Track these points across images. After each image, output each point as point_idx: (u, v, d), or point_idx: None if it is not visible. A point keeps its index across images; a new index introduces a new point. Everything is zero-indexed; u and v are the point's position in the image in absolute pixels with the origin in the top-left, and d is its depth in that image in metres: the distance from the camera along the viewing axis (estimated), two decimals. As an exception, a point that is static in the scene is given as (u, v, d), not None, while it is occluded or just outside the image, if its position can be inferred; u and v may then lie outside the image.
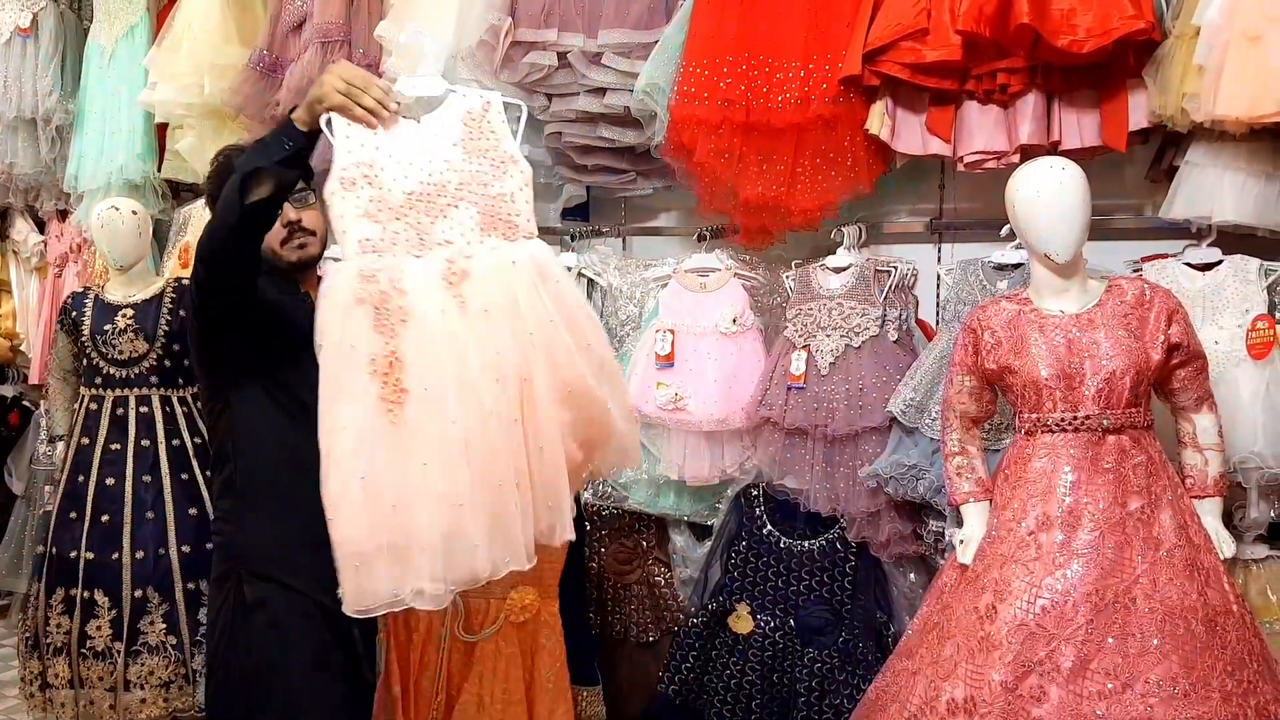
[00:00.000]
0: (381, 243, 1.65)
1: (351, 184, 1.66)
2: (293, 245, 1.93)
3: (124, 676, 2.79)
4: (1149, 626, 1.87)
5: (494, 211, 1.73)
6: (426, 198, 1.69)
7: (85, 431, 2.91)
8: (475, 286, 1.66)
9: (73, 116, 3.71)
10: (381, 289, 1.62)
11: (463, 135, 1.75)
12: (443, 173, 1.71)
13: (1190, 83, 2.18)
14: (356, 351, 1.60)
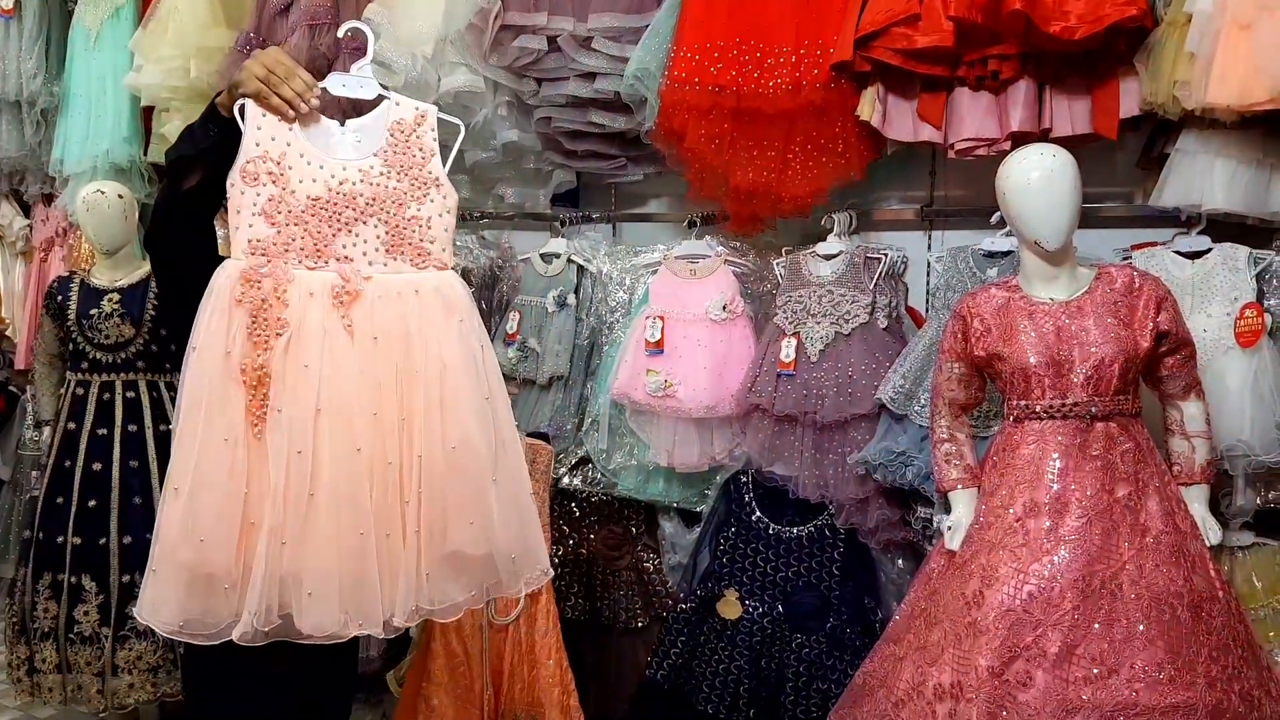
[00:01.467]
0: (273, 246, 1.53)
1: (254, 179, 1.54)
2: None
3: (112, 661, 2.78)
4: (1135, 612, 1.88)
5: (405, 233, 1.59)
6: (331, 206, 1.56)
7: (72, 416, 2.89)
8: (366, 310, 1.54)
9: (58, 99, 3.67)
10: (263, 295, 1.51)
11: (386, 146, 1.61)
12: (355, 183, 1.57)
13: (1181, 70, 2.18)
14: (230, 358, 1.49)
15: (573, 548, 2.90)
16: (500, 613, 2.40)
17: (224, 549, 1.46)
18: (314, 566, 1.47)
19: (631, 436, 2.76)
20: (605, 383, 2.79)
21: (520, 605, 2.43)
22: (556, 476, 2.86)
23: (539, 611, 2.46)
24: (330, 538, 1.47)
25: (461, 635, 2.36)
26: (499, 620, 2.39)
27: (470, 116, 2.92)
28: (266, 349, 1.49)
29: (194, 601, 1.47)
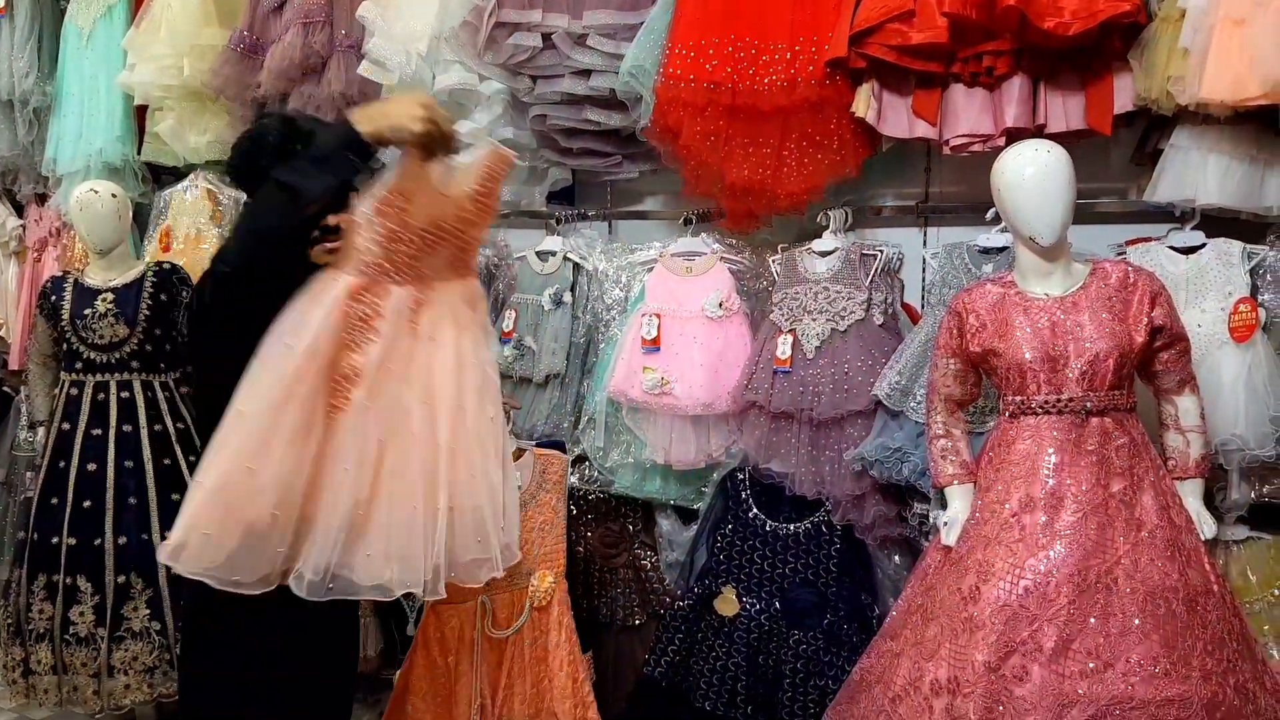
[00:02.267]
0: (382, 267, 1.66)
1: (384, 213, 1.64)
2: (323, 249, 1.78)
3: (108, 662, 2.78)
4: (1130, 607, 1.89)
5: (467, 252, 1.78)
6: (433, 236, 1.70)
7: (66, 417, 2.89)
8: (428, 315, 1.69)
9: (50, 99, 3.66)
10: (365, 310, 1.64)
11: (476, 185, 1.76)
12: (450, 216, 1.71)
13: (1175, 66, 2.19)
14: (318, 356, 1.60)
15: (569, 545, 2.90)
16: (497, 626, 2.37)
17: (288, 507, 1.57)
18: (374, 532, 1.60)
19: (628, 434, 2.76)
20: (602, 380, 2.79)
21: (523, 618, 2.40)
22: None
23: (550, 624, 2.44)
24: (386, 508, 1.61)
25: (445, 648, 2.33)
26: (495, 634, 2.36)
27: (465, 114, 2.91)
28: (361, 353, 1.63)
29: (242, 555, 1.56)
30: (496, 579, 2.14)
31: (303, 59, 2.97)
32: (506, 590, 2.36)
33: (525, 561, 2.34)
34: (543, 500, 2.41)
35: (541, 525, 2.39)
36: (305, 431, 1.59)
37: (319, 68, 3.00)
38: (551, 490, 2.44)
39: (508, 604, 2.39)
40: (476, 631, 2.36)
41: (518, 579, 2.35)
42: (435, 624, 2.34)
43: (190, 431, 2.92)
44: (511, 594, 2.38)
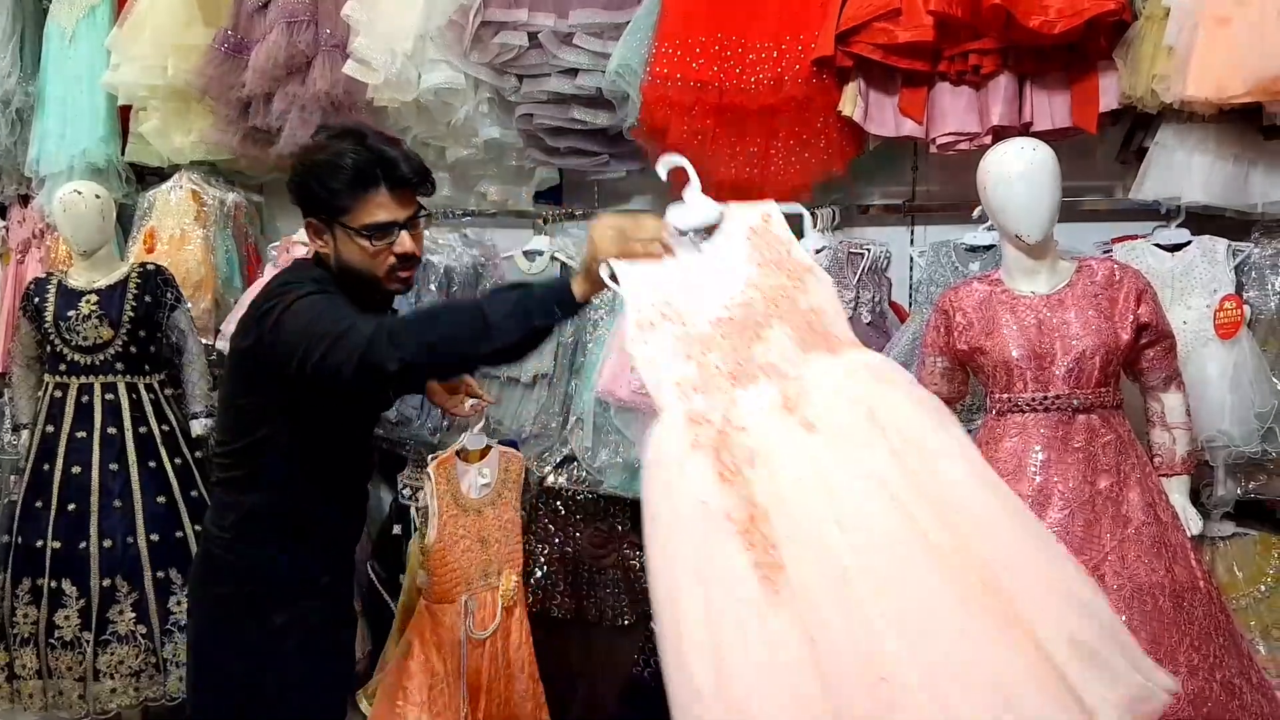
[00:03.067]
0: (700, 380, 1.41)
1: (650, 326, 1.44)
2: (399, 277, 1.74)
3: (93, 666, 2.76)
4: (1117, 603, 1.89)
5: (810, 326, 1.47)
6: (735, 323, 1.46)
7: (50, 419, 2.86)
8: (819, 407, 1.36)
9: (33, 99, 3.61)
10: (718, 429, 1.36)
11: (751, 249, 1.53)
12: (745, 292, 1.48)
13: (1160, 64, 2.20)
14: (710, 508, 1.30)
15: (558, 546, 2.89)
16: (479, 626, 2.33)
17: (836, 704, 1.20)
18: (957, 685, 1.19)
19: (617, 434, 2.75)
20: (590, 380, 2.78)
21: (497, 619, 2.35)
22: (541, 475, 2.86)
23: (514, 624, 2.40)
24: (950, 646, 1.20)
25: (442, 652, 2.26)
26: (476, 635, 2.30)
27: (451, 114, 2.90)
28: (745, 482, 1.31)
29: None
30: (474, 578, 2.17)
31: (287, 58, 2.95)
32: (484, 590, 2.32)
33: (494, 561, 2.30)
34: (505, 499, 2.36)
35: (506, 524, 2.35)
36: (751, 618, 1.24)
37: (304, 67, 2.98)
38: (512, 489, 2.40)
39: (484, 604, 2.34)
40: (461, 632, 2.30)
41: (491, 578, 2.30)
42: (431, 624, 2.26)
43: (175, 434, 2.90)
44: (488, 594, 2.34)
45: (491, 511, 2.30)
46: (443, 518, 2.19)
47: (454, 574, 2.24)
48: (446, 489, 2.23)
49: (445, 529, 2.21)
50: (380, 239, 1.68)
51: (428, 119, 2.95)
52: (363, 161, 1.66)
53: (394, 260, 1.70)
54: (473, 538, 2.25)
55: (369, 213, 1.67)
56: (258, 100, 3.05)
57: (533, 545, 2.91)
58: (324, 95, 2.92)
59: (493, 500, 2.33)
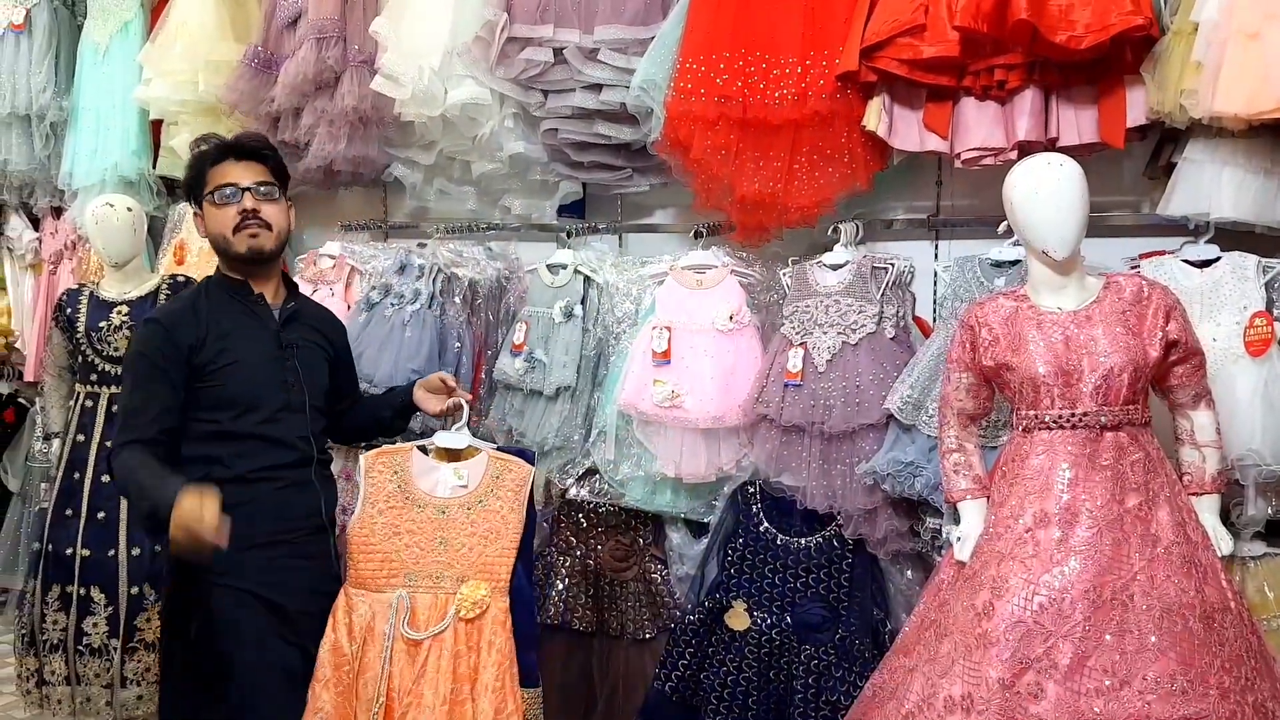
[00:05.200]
0: None
1: None
2: (244, 235, 2.07)
3: (120, 673, 2.79)
4: (1146, 624, 1.87)
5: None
6: None
7: (81, 428, 2.91)
8: None
9: (67, 113, 3.69)
10: None
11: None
12: None
13: (1188, 79, 2.18)
14: None
15: (580, 558, 2.90)
16: (414, 626, 2.17)
17: None
18: None
19: (639, 447, 2.75)
20: (612, 393, 2.79)
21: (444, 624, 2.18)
22: (564, 487, 2.86)
23: (481, 642, 2.21)
24: None
25: (352, 634, 2.15)
26: (409, 634, 2.16)
27: (477, 128, 2.93)
28: None
29: None
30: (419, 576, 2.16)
31: (316, 74, 2.99)
32: (430, 591, 2.19)
33: (456, 566, 2.19)
34: (491, 506, 2.23)
35: (485, 532, 2.21)
36: None
37: (332, 82, 3.02)
38: (505, 498, 2.25)
39: (429, 606, 2.20)
40: (389, 625, 2.17)
41: (444, 582, 2.19)
42: (345, 607, 2.18)
43: None
44: (435, 596, 2.20)
45: (464, 515, 2.21)
46: (376, 506, 2.18)
47: (382, 564, 2.17)
48: (390, 479, 2.21)
49: (378, 518, 2.17)
50: (225, 198, 2.06)
51: (454, 133, 2.98)
52: (214, 146, 2.12)
53: (238, 218, 2.06)
54: (425, 534, 2.19)
55: (217, 179, 2.08)
56: (286, 115, 3.10)
57: (554, 557, 2.92)
58: (352, 110, 2.96)
59: (468, 504, 2.22)
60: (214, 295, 2.11)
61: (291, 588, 2.07)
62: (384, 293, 3.01)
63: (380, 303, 2.99)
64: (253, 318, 2.11)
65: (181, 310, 2.07)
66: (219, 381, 2.02)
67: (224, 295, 2.11)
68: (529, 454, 2.36)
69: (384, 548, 2.16)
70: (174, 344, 2.00)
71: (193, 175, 2.12)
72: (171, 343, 2.00)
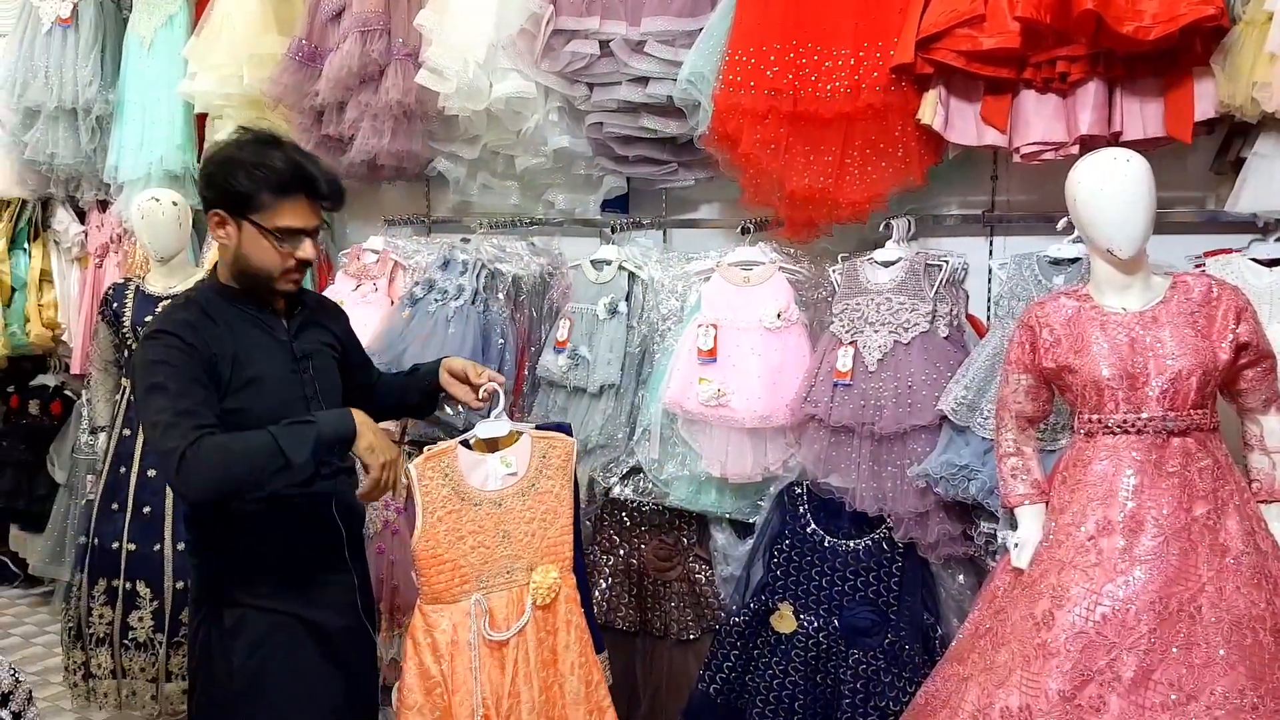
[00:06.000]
0: None
1: None
2: (290, 279, 1.88)
3: (165, 667, 2.80)
4: (1215, 636, 1.81)
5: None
6: None
7: (127, 423, 2.92)
8: None
9: (112, 107, 3.72)
10: None
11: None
12: None
13: (1261, 71, 2.10)
14: None
15: (623, 558, 2.87)
16: (496, 627, 2.10)
17: None
18: None
19: (684, 446, 2.72)
20: (657, 392, 2.75)
21: (525, 618, 2.12)
22: (607, 486, 2.83)
23: (558, 623, 2.17)
24: None
25: (437, 653, 2.07)
26: (494, 636, 2.09)
27: (521, 122, 2.90)
28: None
29: None
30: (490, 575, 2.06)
31: (360, 67, 2.97)
32: (504, 588, 2.11)
33: (524, 556, 2.11)
34: (543, 488, 2.15)
35: (543, 515, 2.15)
36: None
37: (377, 76, 3.00)
38: (554, 476, 2.18)
39: (506, 603, 2.11)
40: (472, 634, 2.09)
41: (516, 575, 2.11)
42: (423, 627, 2.09)
43: None
44: (510, 592, 2.12)
45: (519, 503, 2.13)
46: (435, 515, 2.04)
47: (454, 573, 2.07)
48: (443, 483, 2.07)
49: (439, 526, 2.05)
50: (289, 242, 1.82)
51: (498, 127, 2.96)
52: (290, 170, 1.81)
53: (293, 263, 1.85)
54: (487, 532, 2.08)
55: (283, 216, 1.81)
56: (331, 109, 3.09)
57: (597, 556, 2.90)
58: (396, 104, 2.94)
59: (521, 491, 2.14)
60: (220, 308, 1.86)
61: (330, 603, 1.95)
62: (428, 288, 3.00)
63: (424, 298, 2.98)
64: (264, 330, 1.90)
65: (192, 322, 1.81)
66: (240, 403, 1.81)
67: (231, 308, 1.87)
68: (565, 426, 2.30)
69: (451, 556, 2.08)
70: (195, 351, 1.77)
71: (241, 188, 1.79)
72: (192, 349, 1.77)
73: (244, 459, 1.67)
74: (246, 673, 1.83)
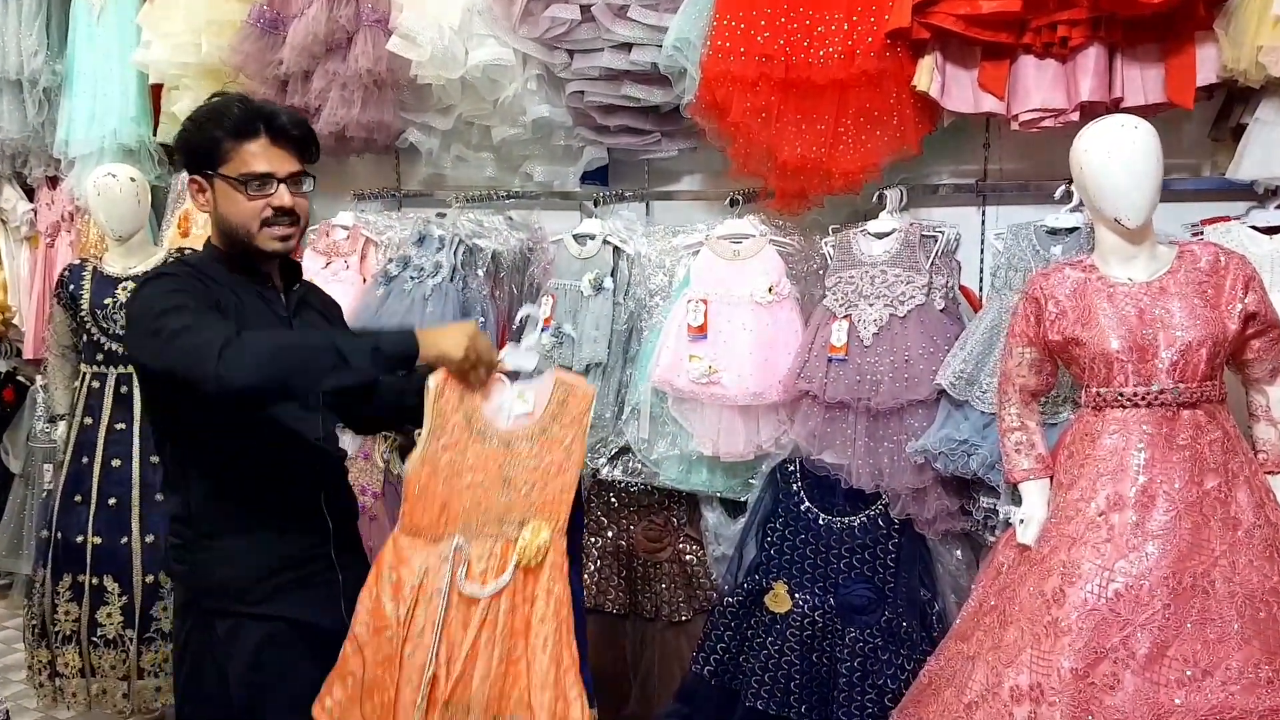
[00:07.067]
0: None
1: None
2: (273, 233, 1.74)
3: (137, 664, 2.70)
4: (1229, 611, 1.79)
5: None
6: None
7: (88, 411, 2.78)
8: None
9: (61, 78, 3.53)
10: None
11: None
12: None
13: (1265, 35, 2.05)
14: None
15: (612, 539, 2.81)
16: (472, 579, 1.83)
17: None
18: None
19: (674, 425, 2.65)
20: (645, 370, 2.68)
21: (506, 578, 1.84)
22: (595, 467, 2.76)
23: (538, 590, 1.89)
24: None
25: (399, 594, 1.83)
26: (467, 589, 1.82)
27: (499, 91, 2.78)
28: None
29: None
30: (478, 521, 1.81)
31: (327, 34, 2.83)
32: (490, 538, 1.85)
33: (519, 508, 1.85)
34: (555, 435, 1.90)
35: (548, 466, 1.88)
36: None
37: (345, 43, 2.86)
38: (569, 426, 1.93)
39: (487, 555, 1.85)
40: (443, 582, 1.82)
41: (505, 526, 1.85)
42: (392, 561, 1.84)
43: None
44: (494, 544, 1.85)
45: (527, 448, 1.88)
46: (441, 441, 1.82)
47: (440, 509, 1.85)
48: (458, 406, 1.84)
49: (442, 456, 1.82)
50: (257, 189, 1.71)
51: (474, 97, 2.84)
52: (243, 111, 1.73)
53: (270, 213, 1.72)
54: (489, 473, 1.84)
55: (246, 162, 1.71)
56: (296, 78, 2.95)
57: (585, 538, 2.83)
58: (366, 73, 2.81)
59: (531, 434, 1.89)
60: (217, 272, 1.75)
61: (326, 605, 1.82)
62: (403, 265, 2.88)
63: (399, 275, 2.87)
64: (263, 303, 1.79)
65: (192, 274, 1.72)
66: None
67: (227, 276, 1.76)
68: None
69: (445, 491, 1.84)
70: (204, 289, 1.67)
71: (204, 142, 1.72)
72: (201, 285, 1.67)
73: (297, 349, 1.59)
74: (244, 684, 1.73)
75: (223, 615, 1.74)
